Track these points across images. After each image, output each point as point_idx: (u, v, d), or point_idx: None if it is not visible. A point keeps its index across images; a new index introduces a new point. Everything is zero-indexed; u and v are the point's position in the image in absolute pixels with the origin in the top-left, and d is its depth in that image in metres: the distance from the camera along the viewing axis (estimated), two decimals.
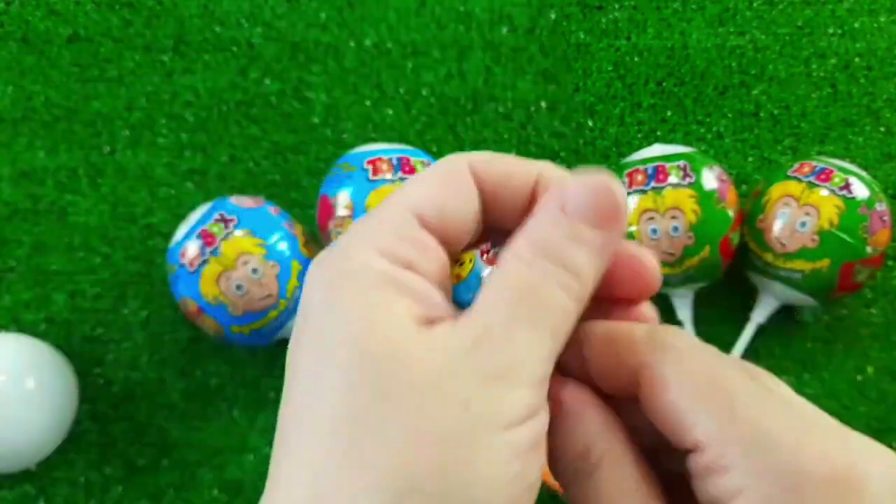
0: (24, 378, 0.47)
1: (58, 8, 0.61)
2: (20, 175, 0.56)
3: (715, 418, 0.18)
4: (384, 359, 0.17)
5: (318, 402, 0.18)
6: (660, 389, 0.19)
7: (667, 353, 0.19)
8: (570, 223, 0.19)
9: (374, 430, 0.17)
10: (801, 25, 0.62)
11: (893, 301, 0.55)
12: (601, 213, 0.19)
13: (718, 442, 0.17)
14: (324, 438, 0.17)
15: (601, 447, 0.19)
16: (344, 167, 0.49)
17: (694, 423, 0.18)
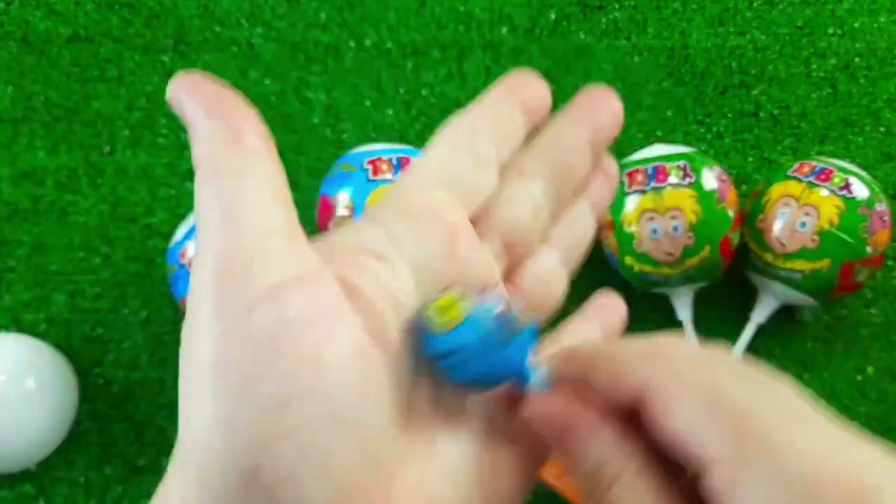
0: (23, 378, 0.47)
1: (58, 8, 0.61)
2: (20, 175, 0.56)
3: (724, 437, 0.17)
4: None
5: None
6: (663, 413, 0.18)
7: (666, 372, 0.19)
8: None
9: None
10: (801, 25, 0.62)
11: (893, 301, 0.55)
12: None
13: (730, 461, 0.17)
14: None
15: (614, 466, 0.19)
16: (344, 167, 0.49)
17: (702, 444, 0.17)
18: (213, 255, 0.18)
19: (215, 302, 0.18)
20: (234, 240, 0.18)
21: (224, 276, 0.18)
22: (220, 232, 0.19)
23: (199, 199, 0.19)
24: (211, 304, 0.18)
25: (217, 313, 0.18)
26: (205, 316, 0.18)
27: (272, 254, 0.19)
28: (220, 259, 0.18)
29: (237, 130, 0.20)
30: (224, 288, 0.18)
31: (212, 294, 0.18)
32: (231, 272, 0.18)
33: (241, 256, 0.18)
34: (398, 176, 0.49)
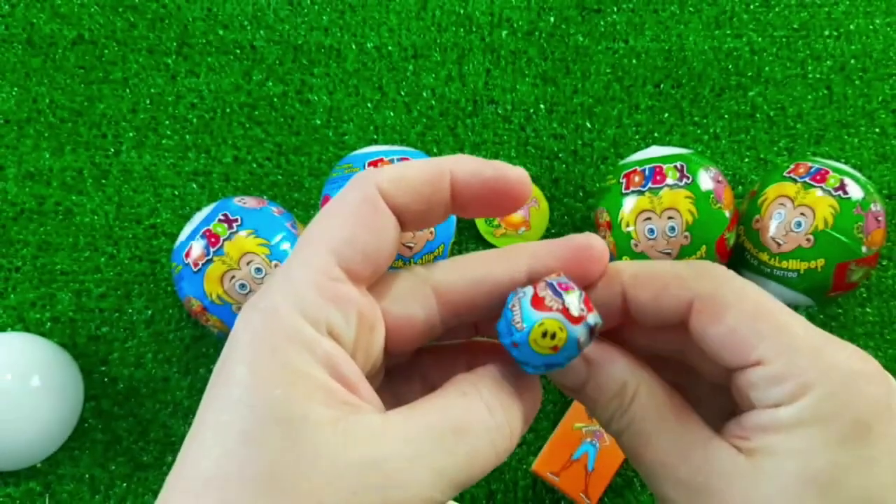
0: (29, 376, 0.47)
1: (62, 10, 0.61)
2: (26, 176, 0.57)
3: (776, 334, 0.19)
4: (285, 443, 0.17)
5: (206, 463, 0.17)
6: (718, 314, 0.20)
7: (716, 284, 0.20)
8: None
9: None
10: (797, 28, 0.63)
11: (888, 300, 0.56)
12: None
13: (782, 353, 0.19)
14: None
15: (634, 381, 0.21)
16: (346, 168, 0.50)
17: (757, 340, 0.19)
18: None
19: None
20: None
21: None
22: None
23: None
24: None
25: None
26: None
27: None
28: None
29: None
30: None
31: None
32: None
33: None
34: None
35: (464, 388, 0.19)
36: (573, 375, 0.22)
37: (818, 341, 0.20)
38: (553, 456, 0.48)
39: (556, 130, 0.60)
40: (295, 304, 0.18)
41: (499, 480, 0.51)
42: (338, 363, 0.18)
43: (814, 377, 0.19)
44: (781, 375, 0.19)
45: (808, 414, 0.19)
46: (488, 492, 0.51)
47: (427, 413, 0.19)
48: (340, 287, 0.19)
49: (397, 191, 0.20)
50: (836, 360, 0.19)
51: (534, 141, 0.59)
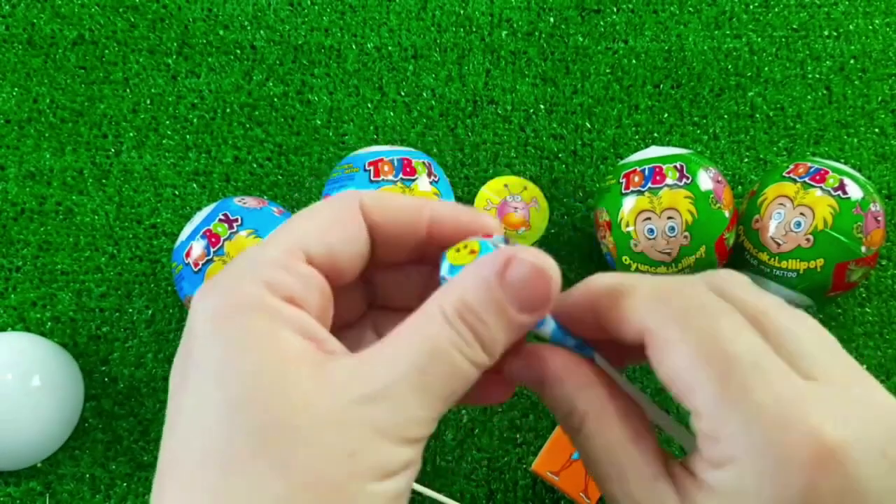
0: (30, 376, 0.47)
1: (63, 11, 0.61)
2: (26, 176, 0.57)
3: (712, 388, 0.18)
4: (272, 398, 0.18)
5: (198, 442, 0.18)
6: (659, 358, 0.19)
7: (664, 319, 0.20)
8: (502, 297, 0.19)
9: (255, 475, 0.17)
10: (796, 28, 0.63)
11: (887, 300, 0.56)
12: (535, 299, 0.20)
13: (714, 413, 0.18)
14: (201, 485, 0.17)
15: (582, 406, 0.21)
16: (346, 168, 0.50)
17: (693, 389, 0.19)
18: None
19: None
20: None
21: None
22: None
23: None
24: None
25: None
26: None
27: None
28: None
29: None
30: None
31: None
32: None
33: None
34: (399, 177, 0.49)
35: (428, 310, 0.20)
36: (528, 383, 0.22)
37: (763, 401, 0.18)
38: (553, 455, 0.48)
39: (556, 131, 0.60)
40: (257, 277, 0.19)
41: (499, 480, 0.51)
42: (304, 324, 0.19)
43: (740, 449, 0.18)
44: (712, 435, 0.18)
45: (733, 487, 0.18)
46: (488, 491, 0.51)
47: (397, 343, 0.19)
48: (301, 265, 0.20)
49: (376, 208, 0.21)
50: (771, 433, 0.17)
51: (533, 141, 0.59)
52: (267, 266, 0.19)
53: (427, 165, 0.51)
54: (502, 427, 0.52)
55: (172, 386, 0.19)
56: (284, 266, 0.20)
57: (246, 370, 0.18)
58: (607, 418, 0.21)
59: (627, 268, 0.50)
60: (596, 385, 0.21)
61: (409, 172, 0.49)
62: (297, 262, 0.20)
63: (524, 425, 0.52)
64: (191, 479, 0.17)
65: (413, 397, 0.18)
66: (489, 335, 0.19)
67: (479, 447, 0.52)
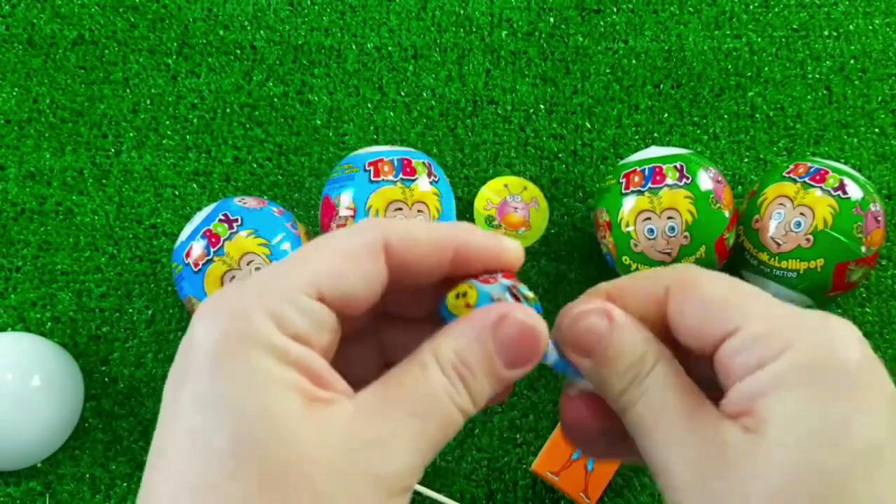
0: (30, 376, 0.47)
1: (63, 11, 0.61)
2: (26, 176, 0.57)
3: (749, 303, 0.20)
4: (274, 442, 0.17)
5: (192, 474, 0.17)
6: (694, 290, 0.21)
7: (683, 274, 0.22)
8: (492, 353, 0.20)
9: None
10: (796, 28, 0.63)
11: (887, 300, 0.56)
12: (522, 356, 0.21)
13: (761, 318, 0.20)
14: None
15: (654, 352, 0.21)
16: (346, 168, 0.50)
17: (733, 309, 0.20)
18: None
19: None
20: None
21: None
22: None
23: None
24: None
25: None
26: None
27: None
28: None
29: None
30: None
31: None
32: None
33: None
34: (399, 177, 0.49)
35: (424, 359, 0.20)
36: (594, 336, 0.22)
37: (792, 309, 0.20)
38: (553, 455, 0.48)
39: (556, 131, 0.60)
40: (267, 308, 0.19)
41: (499, 480, 0.51)
42: (309, 364, 0.19)
43: (793, 334, 0.19)
44: (762, 335, 0.19)
45: (795, 368, 0.19)
46: (488, 492, 0.51)
47: (394, 393, 0.19)
48: (312, 303, 0.20)
49: (403, 250, 0.21)
50: (812, 320, 0.20)
51: (533, 141, 0.59)
52: (277, 298, 0.19)
53: (427, 165, 0.51)
54: (502, 427, 0.52)
55: (166, 404, 0.19)
56: (295, 302, 0.19)
57: (249, 411, 0.18)
58: (675, 368, 0.21)
59: (627, 268, 0.50)
60: (661, 341, 0.22)
61: (409, 172, 0.49)
62: (309, 299, 0.19)
63: (524, 425, 0.52)
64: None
65: (409, 446, 0.19)
66: (478, 387, 0.20)
67: (479, 447, 0.52)
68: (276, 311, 0.19)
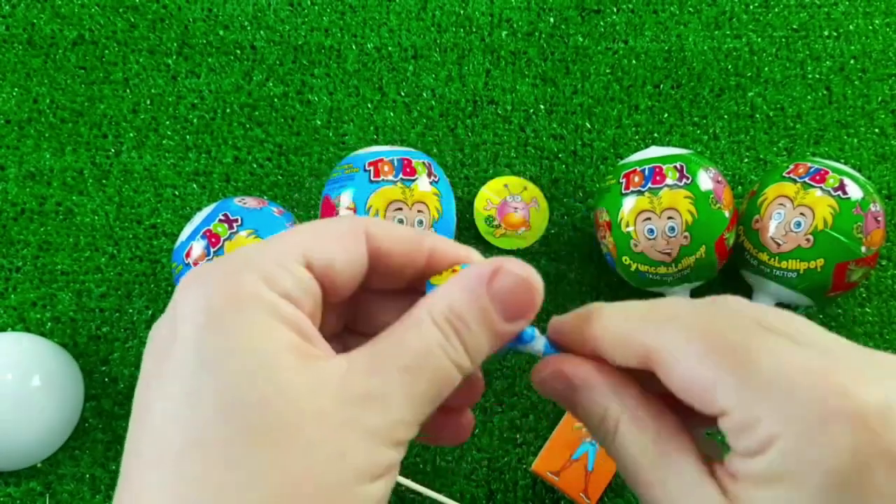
0: (30, 376, 0.47)
1: (63, 11, 0.61)
2: (26, 176, 0.57)
3: (732, 379, 0.18)
4: (268, 395, 0.17)
5: (182, 430, 0.17)
6: (669, 372, 0.19)
7: (666, 333, 0.20)
8: (488, 305, 0.20)
9: (248, 470, 0.17)
10: (796, 28, 0.63)
11: (887, 300, 0.56)
12: (519, 307, 0.20)
13: (741, 401, 0.18)
14: (190, 478, 0.17)
15: (616, 409, 0.21)
16: (346, 169, 0.50)
17: (714, 385, 0.18)
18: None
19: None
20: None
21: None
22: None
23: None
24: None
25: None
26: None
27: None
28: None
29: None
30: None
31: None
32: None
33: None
34: (399, 177, 0.49)
35: (417, 314, 0.20)
36: (556, 394, 0.22)
37: (785, 371, 0.18)
38: (553, 455, 0.48)
39: (556, 131, 0.60)
40: (256, 270, 0.19)
41: (499, 480, 0.51)
42: (298, 322, 0.19)
43: (777, 426, 0.17)
44: (744, 425, 0.18)
45: (779, 468, 0.17)
46: (488, 491, 0.51)
47: (386, 349, 0.19)
48: (299, 268, 0.20)
49: (382, 235, 0.22)
50: (804, 400, 0.17)
51: (533, 141, 0.59)
52: (266, 261, 0.19)
53: (427, 165, 0.51)
54: (502, 427, 0.52)
55: (147, 371, 0.19)
56: (283, 265, 0.19)
57: (242, 365, 0.18)
58: (643, 419, 0.20)
59: (627, 268, 0.50)
60: (629, 386, 0.21)
61: (409, 172, 0.49)
62: (297, 264, 0.20)
63: (524, 425, 0.52)
64: (173, 468, 0.17)
65: (402, 399, 0.19)
66: (474, 341, 0.20)
67: (479, 447, 0.52)
68: (266, 271, 0.19)
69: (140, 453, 0.18)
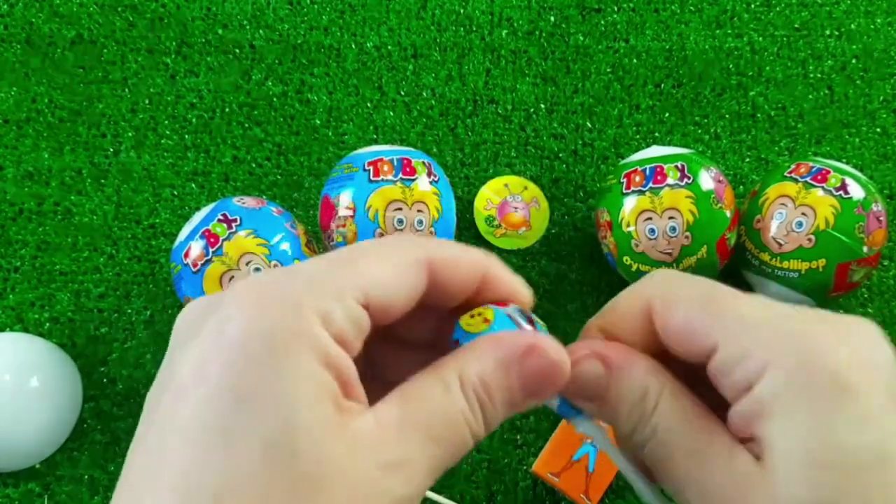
0: (28, 377, 0.47)
1: (61, 10, 0.61)
2: (25, 176, 0.57)
3: (725, 318, 0.20)
4: (310, 447, 0.17)
5: (219, 472, 0.17)
6: (670, 310, 0.21)
7: (661, 284, 0.22)
8: (516, 383, 0.20)
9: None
10: (798, 27, 0.63)
11: (889, 300, 0.56)
12: (543, 388, 0.20)
13: (735, 335, 0.20)
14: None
15: (657, 387, 0.21)
16: (346, 168, 0.50)
17: (708, 327, 0.20)
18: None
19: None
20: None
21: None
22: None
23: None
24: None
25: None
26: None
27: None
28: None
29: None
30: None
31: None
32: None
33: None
34: (398, 177, 0.49)
35: (447, 377, 0.20)
36: (592, 381, 0.22)
37: (767, 313, 0.20)
38: (554, 457, 0.48)
39: (557, 130, 0.60)
40: (316, 306, 0.18)
41: (499, 482, 0.51)
42: (343, 371, 0.18)
43: (770, 349, 0.19)
44: (739, 355, 0.19)
45: (781, 387, 0.18)
46: (489, 493, 0.51)
47: (415, 410, 0.19)
48: (357, 307, 0.19)
49: (444, 271, 0.21)
50: (789, 327, 0.19)
51: (534, 141, 0.59)
52: (325, 294, 0.18)
53: (427, 165, 0.51)
54: (503, 428, 0.52)
55: (181, 378, 0.18)
56: (343, 300, 0.19)
57: (284, 413, 0.17)
58: (683, 393, 0.21)
59: (628, 268, 0.50)
60: (663, 368, 0.22)
61: (409, 172, 0.49)
62: (355, 301, 0.19)
63: (525, 426, 0.52)
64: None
65: (425, 468, 0.19)
66: (494, 415, 0.20)
67: (479, 448, 0.51)
68: (324, 308, 0.18)
69: (157, 475, 0.17)
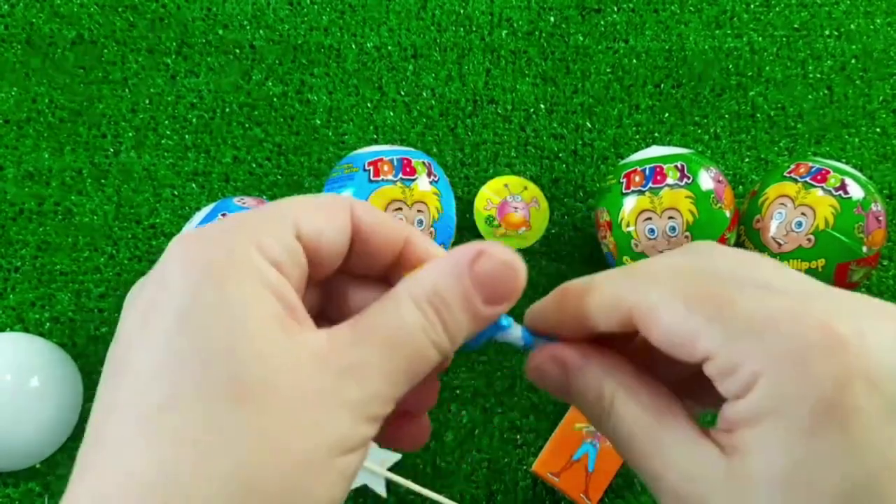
0: (29, 377, 0.47)
1: (62, 10, 0.61)
2: (25, 176, 0.57)
3: (713, 326, 0.19)
4: (253, 360, 0.18)
5: (163, 386, 0.17)
6: (651, 327, 0.20)
7: (643, 289, 0.20)
8: (470, 288, 0.20)
9: (227, 430, 0.17)
10: (797, 27, 0.63)
11: (889, 300, 0.56)
12: (501, 291, 0.20)
13: (724, 345, 0.18)
14: (168, 435, 0.17)
15: (611, 386, 0.21)
16: (346, 168, 0.50)
17: (697, 334, 0.19)
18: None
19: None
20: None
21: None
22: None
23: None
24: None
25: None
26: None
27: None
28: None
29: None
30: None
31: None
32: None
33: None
34: (398, 177, 0.49)
35: (398, 293, 0.20)
36: (556, 382, 0.22)
37: (765, 313, 0.18)
38: (553, 456, 0.48)
39: (556, 130, 0.60)
40: (250, 237, 0.19)
41: (499, 481, 0.51)
42: (284, 292, 0.19)
43: (760, 363, 0.18)
44: (729, 367, 0.18)
45: (766, 404, 0.18)
46: (489, 493, 0.51)
47: (367, 326, 0.20)
48: (290, 237, 0.20)
49: (364, 215, 0.22)
50: (785, 335, 0.18)
51: (534, 141, 0.59)
52: (259, 228, 0.20)
53: (427, 165, 0.51)
54: (503, 428, 0.52)
55: (128, 329, 0.19)
56: (275, 232, 0.20)
57: (228, 328, 0.18)
58: (637, 390, 0.21)
59: None
60: (621, 364, 0.22)
61: (409, 172, 0.49)
62: (288, 233, 0.20)
63: (524, 426, 0.52)
64: (152, 424, 0.17)
65: (380, 373, 0.19)
66: (454, 322, 0.20)
67: (479, 448, 0.51)
68: (258, 237, 0.19)
69: (115, 408, 0.18)
